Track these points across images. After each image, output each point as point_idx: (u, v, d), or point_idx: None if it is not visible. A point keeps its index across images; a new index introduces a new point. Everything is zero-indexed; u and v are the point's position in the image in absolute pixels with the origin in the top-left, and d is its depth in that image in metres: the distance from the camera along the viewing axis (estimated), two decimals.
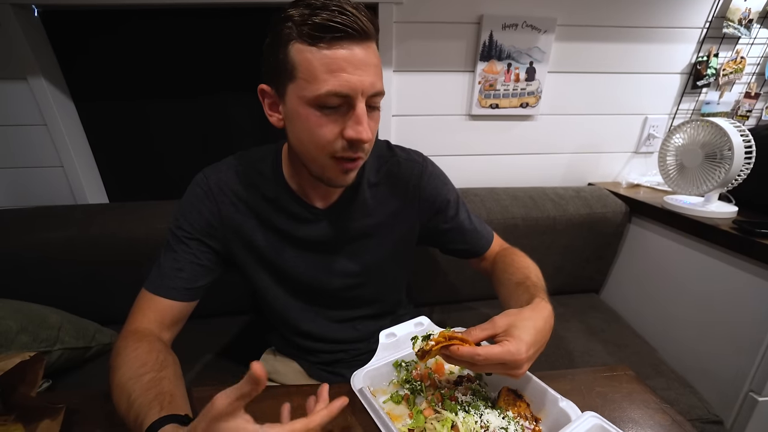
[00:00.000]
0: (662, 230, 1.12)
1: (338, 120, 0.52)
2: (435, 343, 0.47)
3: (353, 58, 0.48)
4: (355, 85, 0.49)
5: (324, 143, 0.53)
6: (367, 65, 0.50)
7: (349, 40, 0.48)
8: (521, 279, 0.64)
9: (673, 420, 0.52)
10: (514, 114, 1.30)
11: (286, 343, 0.82)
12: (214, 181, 0.66)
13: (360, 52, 0.49)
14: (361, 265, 0.72)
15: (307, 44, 0.48)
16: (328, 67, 0.48)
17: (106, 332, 1.00)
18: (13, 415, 0.51)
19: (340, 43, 0.48)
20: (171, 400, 0.44)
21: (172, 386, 0.47)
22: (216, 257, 0.67)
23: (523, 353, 0.46)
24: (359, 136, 0.51)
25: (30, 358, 0.52)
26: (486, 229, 0.80)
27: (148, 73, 1.18)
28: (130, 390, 0.45)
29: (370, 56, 0.50)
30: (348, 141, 0.52)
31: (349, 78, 0.48)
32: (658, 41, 1.26)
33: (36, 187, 1.21)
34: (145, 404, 0.43)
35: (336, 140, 0.53)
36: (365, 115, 0.51)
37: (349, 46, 0.48)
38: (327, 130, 0.52)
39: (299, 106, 0.52)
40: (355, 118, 0.51)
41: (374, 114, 0.55)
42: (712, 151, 0.97)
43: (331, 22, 0.46)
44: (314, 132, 0.53)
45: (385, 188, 0.71)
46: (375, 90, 0.51)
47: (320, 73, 0.48)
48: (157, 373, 0.48)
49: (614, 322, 1.18)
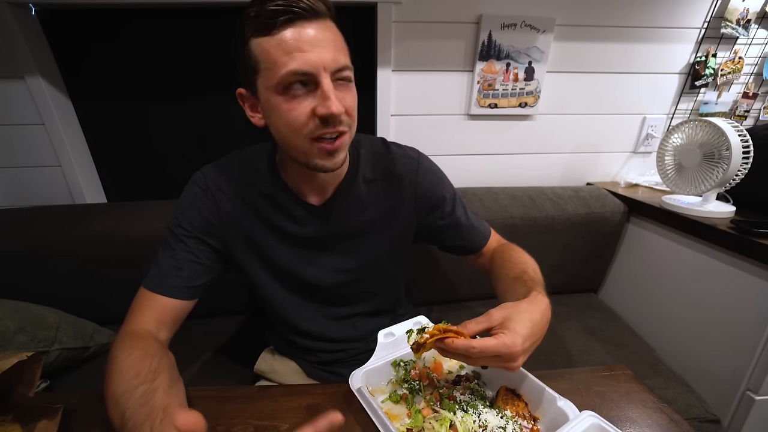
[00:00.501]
0: (660, 230, 1.12)
1: (307, 100, 0.52)
2: (429, 336, 0.47)
3: (307, 36, 0.49)
4: (314, 62, 0.50)
5: (298, 126, 0.53)
6: (324, 41, 0.50)
7: (300, 20, 0.49)
8: (518, 274, 0.64)
9: (671, 419, 0.52)
10: (513, 114, 1.30)
11: (284, 342, 0.82)
12: (212, 180, 0.66)
13: (313, 30, 0.50)
14: (357, 261, 0.72)
15: (262, 35, 0.50)
16: (284, 50, 0.49)
17: (104, 332, 1.00)
18: (10, 415, 0.51)
19: (291, 25, 0.49)
20: (164, 415, 0.43)
21: (167, 397, 0.46)
22: (215, 256, 0.67)
23: (519, 345, 0.46)
24: (328, 110, 0.51)
25: (28, 358, 0.52)
26: (483, 225, 0.80)
27: (146, 72, 1.17)
28: (124, 407, 0.44)
29: (326, 33, 0.51)
30: (320, 118, 0.53)
31: (307, 55, 0.49)
32: (657, 41, 1.26)
33: (34, 186, 1.20)
34: (138, 424, 0.42)
35: (309, 120, 0.53)
36: (332, 90, 0.51)
37: (301, 25, 0.49)
38: (298, 113, 0.53)
39: (270, 97, 0.53)
40: (322, 95, 0.51)
41: (346, 87, 0.55)
42: (710, 151, 0.97)
43: (280, 5, 0.48)
44: (287, 117, 0.53)
45: (381, 184, 0.71)
46: (338, 65, 0.52)
47: (278, 57, 0.50)
48: (150, 384, 0.47)
49: (612, 322, 1.18)
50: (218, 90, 1.21)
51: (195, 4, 1.08)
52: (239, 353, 0.97)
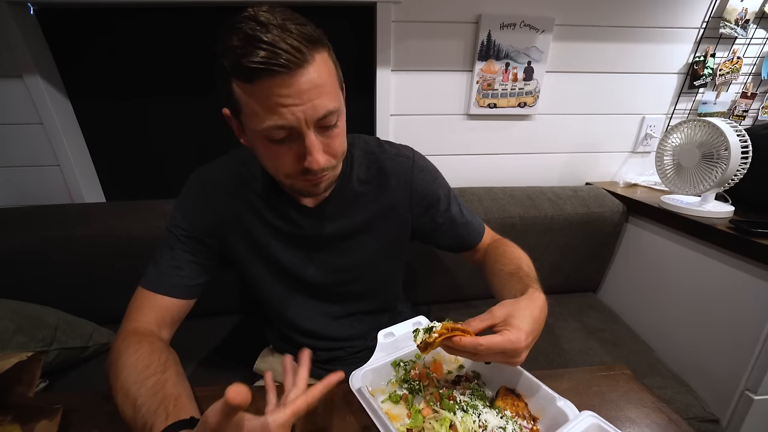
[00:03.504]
0: (659, 230, 1.13)
1: (293, 148, 0.52)
2: (438, 335, 0.48)
3: (291, 92, 0.46)
4: (296, 117, 0.48)
5: (285, 170, 0.54)
6: (308, 92, 0.47)
7: (286, 74, 0.45)
8: (513, 269, 0.65)
9: (670, 419, 0.52)
10: (512, 113, 1.30)
11: (283, 341, 0.82)
12: (210, 180, 0.66)
13: (300, 82, 0.46)
14: (354, 260, 0.73)
15: (242, 82, 0.47)
16: (265, 103, 0.47)
17: (103, 332, 1.00)
18: (10, 415, 0.51)
19: (275, 78, 0.45)
20: (176, 403, 0.45)
21: (177, 387, 0.48)
22: (213, 255, 0.68)
23: (523, 341, 0.47)
24: (311, 166, 0.52)
25: (27, 358, 0.52)
26: (477, 221, 0.80)
27: (144, 71, 1.17)
28: (135, 395, 0.45)
29: (313, 80, 0.47)
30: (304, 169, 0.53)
31: (288, 111, 0.47)
32: (656, 41, 1.26)
33: (32, 186, 1.20)
34: (151, 410, 0.43)
35: (295, 166, 0.53)
36: (315, 144, 0.51)
37: (286, 80, 0.46)
38: (284, 161, 0.53)
39: (254, 138, 0.53)
40: (307, 149, 0.51)
41: (331, 132, 0.53)
42: (709, 150, 0.97)
43: (261, 64, 0.44)
44: (273, 162, 0.54)
45: (376, 184, 0.71)
46: (319, 114, 0.49)
47: (259, 110, 0.48)
48: (160, 375, 0.49)
49: (611, 322, 1.18)
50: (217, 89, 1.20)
51: (195, 3, 1.08)
52: (238, 353, 0.97)
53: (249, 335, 1.09)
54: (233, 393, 0.32)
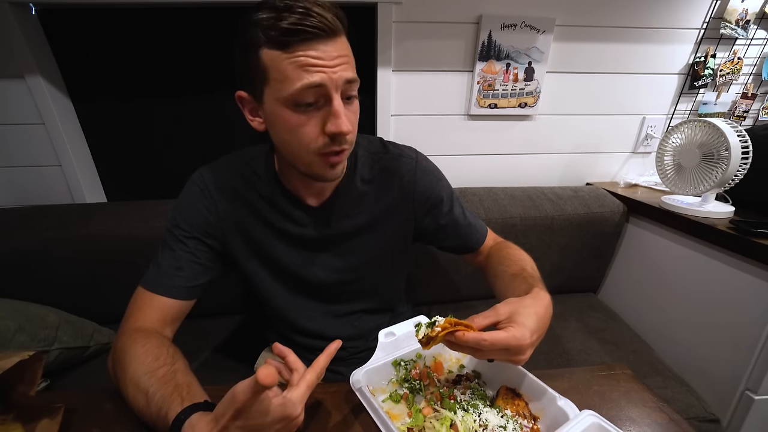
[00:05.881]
0: (660, 230, 1.13)
1: (317, 117, 0.53)
2: (441, 330, 0.47)
3: (323, 55, 0.49)
4: (328, 79, 0.50)
5: (307, 141, 0.54)
6: (338, 59, 0.50)
7: (317, 40, 0.49)
8: (517, 271, 0.64)
9: (670, 418, 0.52)
10: (513, 114, 1.30)
11: (284, 341, 0.81)
12: (211, 180, 0.66)
13: (329, 49, 0.49)
14: (356, 260, 0.73)
15: (276, 49, 0.49)
16: (299, 66, 0.49)
17: (104, 332, 1.00)
18: (11, 414, 0.51)
19: (308, 44, 0.48)
20: (189, 390, 0.46)
21: (187, 377, 0.49)
22: (214, 256, 0.68)
23: (527, 339, 0.46)
24: (339, 129, 0.52)
25: (29, 358, 0.52)
26: (480, 224, 0.80)
27: (146, 71, 1.17)
28: (147, 385, 0.47)
29: (341, 50, 0.51)
30: (329, 136, 0.53)
31: (321, 74, 0.49)
32: (656, 42, 1.26)
33: (33, 186, 1.20)
34: (166, 397, 0.45)
35: (318, 137, 0.54)
36: (342, 108, 0.52)
37: (317, 45, 0.49)
38: (308, 129, 0.53)
39: (278, 108, 0.53)
40: (333, 113, 0.52)
41: (352, 104, 0.56)
42: (710, 151, 0.97)
43: (298, 25, 0.47)
44: (296, 132, 0.53)
45: (379, 184, 0.71)
46: (347, 76, 0.52)
47: (292, 72, 0.49)
48: (170, 366, 0.50)
49: (612, 322, 1.18)
50: (218, 90, 1.21)
51: (196, 3, 1.08)
52: (239, 352, 0.97)
53: (250, 335, 1.09)
54: (264, 374, 0.36)
